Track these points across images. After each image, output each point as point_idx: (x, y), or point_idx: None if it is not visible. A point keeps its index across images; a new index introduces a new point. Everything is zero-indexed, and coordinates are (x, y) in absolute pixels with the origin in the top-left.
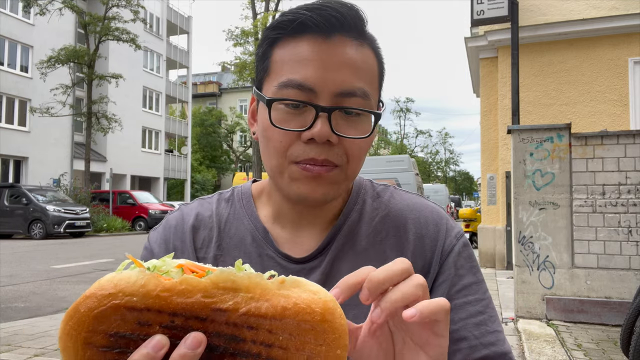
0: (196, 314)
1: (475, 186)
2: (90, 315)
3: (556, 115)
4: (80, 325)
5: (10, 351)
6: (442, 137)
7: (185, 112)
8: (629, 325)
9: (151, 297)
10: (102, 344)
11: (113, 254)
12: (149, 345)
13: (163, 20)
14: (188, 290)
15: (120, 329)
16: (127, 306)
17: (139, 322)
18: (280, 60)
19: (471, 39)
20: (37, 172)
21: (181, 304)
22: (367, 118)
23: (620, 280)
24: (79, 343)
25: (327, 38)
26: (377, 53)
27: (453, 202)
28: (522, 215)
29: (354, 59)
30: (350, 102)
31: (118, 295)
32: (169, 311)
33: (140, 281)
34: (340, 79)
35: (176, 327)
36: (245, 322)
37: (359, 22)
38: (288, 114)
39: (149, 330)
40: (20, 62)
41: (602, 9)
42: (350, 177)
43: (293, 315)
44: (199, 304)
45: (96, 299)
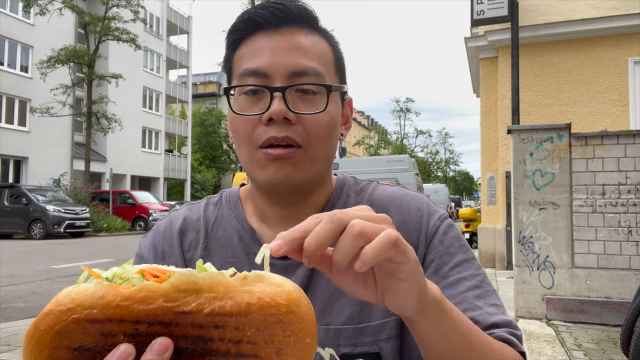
0: (160, 319)
1: (475, 186)
2: (51, 332)
3: (556, 115)
4: (42, 343)
5: (10, 351)
6: (442, 137)
7: (185, 112)
8: (629, 325)
9: (111, 308)
10: (66, 359)
11: (113, 254)
12: (114, 355)
13: (163, 20)
14: (149, 296)
15: (84, 342)
16: (87, 319)
17: (102, 334)
18: (239, 57)
19: (471, 39)
20: (37, 172)
21: (143, 311)
22: (323, 96)
23: (620, 280)
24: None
25: (276, 29)
26: (330, 41)
27: (453, 202)
28: (522, 215)
29: (304, 43)
30: (302, 81)
31: (77, 309)
32: (131, 319)
33: (98, 293)
34: (290, 61)
35: (141, 334)
36: (210, 322)
37: (305, 14)
38: (247, 102)
39: (114, 340)
40: (20, 62)
41: (602, 9)
42: (316, 160)
43: (258, 310)
44: (161, 309)
45: (55, 316)
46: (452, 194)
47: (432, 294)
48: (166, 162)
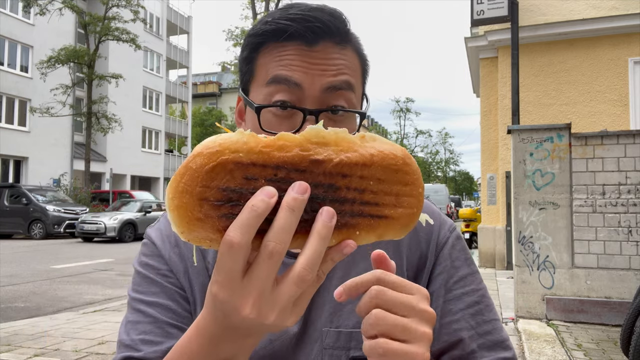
0: (296, 166)
1: (475, 186)
2: (202, 171)
3: (556, 115)
4: (193, 181)
5: (10, 351)
6: (442, 137)
7: (185, 112)
8: (629, 325)
9: (255, 153)
10: (215, 197)
11: (113, 254)
12: (262, 192)
13: (163, 20)
14: (286, 145)
15: (230, 183)
16: (234, 161)
17: (246, 177)
18: (265, 63)
19: (471, 39)
20: (37, 172)
21: (282, 157)
22: (352, 117)
23: (620, 280)
24: (194, 198)
25: (311, 46)
26: (359, 53)
27: (453, 202)
28: (522, 215)
29: (339, 61)
30: (336, 96)
31: (225, 152)
32: (272, 165)
33: (242, 139)
34: (325, 78)
35: (279, 180)
36: (339, 171)
37: (341, 26)
38: (277, 117)
39: (256, 184)
40: (20, 62)
41: (602, 9)
42: None
43: (380, 160)
44: (297, 156)
45: (205, 157)
46: (452, 194)
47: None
48: (166, 162)
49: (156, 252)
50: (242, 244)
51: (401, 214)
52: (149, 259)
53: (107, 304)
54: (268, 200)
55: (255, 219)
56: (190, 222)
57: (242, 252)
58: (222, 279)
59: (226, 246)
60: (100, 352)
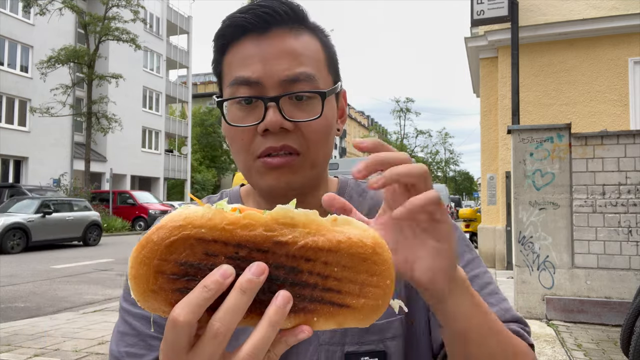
0: (258, 246)
1: (475, 186)
2: (162, 244)
3: (556, 115)
4: (152, 253)
5: (10, 351)
6: (442, 137)
7: (185, 112)
8: (629, 325)
9: (218, 230)
10: (172, 271)
11: (113, 254)
12: (217, 272)
13: (163, 20)
14: (251, 224)
15: (189, 258)
16: (196, 237)
17: (206, 253)
18: (228, 63)
19: (471, 39)
20: (37, 172)
21: (245, 236)
22: (317, 101)
23: (620, 280)
24: (151, 270)
25: (264, 33)
26: (320, 38)
27: (453, 202)
28: (522, 215)
29: (293, 46)
30: (296, 88)
31: (188, 226)
32: (234, 243)
33: (207, 215)
34: (282, 68)
35: (240, 258)
36: (303, 255)
37: (292, 13)
38: (242, 111)
39: (215, 261)
40: (20, 62)
41: (602, 9)
42: (316, 164)
43: (347, 247)
44: (261, 236)
45: (168, 230)
46: (452, 194)
47: (460, 271)
48: (166, 162)
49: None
50: (185, 322)
51: (364, 304)
52: (124, 301)
53: (107, 304)
54: (222, 281)
55: (204, 300)
56: (144, 293)
57: (185, 330)
58: (167, 350)
59: (171, 323)
60: (100, 352)
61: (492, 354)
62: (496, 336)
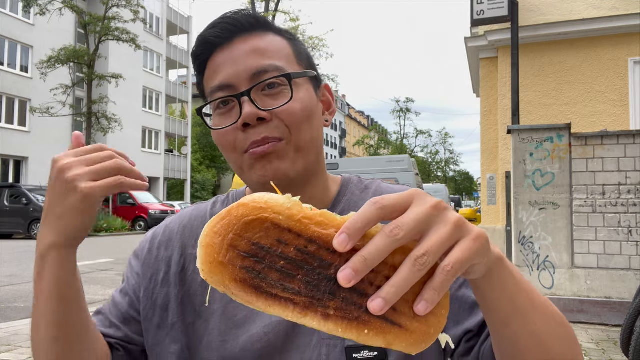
0: (328, 245)
1: (475, 186)
2: (240, 220)
3: (556, 115)
4: (230, 226)
5: (10, 351)
6: (442, 137)
7: (185, 112)
8: (629, 325)
9: (294, 220)
10: (244, 249)
11: (113, 254)
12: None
13: (163, 20)
14: (325, 222)
15: (262, 240)
16: (273, 222)
17: (279, 240)
18: (206, 80)
19: (471, 39)
20: (37, 172)
21: (317, 232)
22: (287, 87)
23: (620, 280)
24: (225, 242)
25: (230, 43)
26: (285, 37)
27: (453, 202)
28: (522, 215)
29: (258, 45)
30: (264, 78)
31: (268, 210)
32: (306, 236)
33: (287, 204)
34: (249, 64)
35: (308, 253)
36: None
37: (254, 21)
38: (221, 116)
39: (285, 249)
40: (20, 62)
41: (602, 9)
42: (302, 147)
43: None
44: (332, 237)
45: (249, 209)
46: (452, 194)
47: (496, 253)
48: (166, 162)
49: (137, 252)
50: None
51: (416, 328)
52: (132, 256)
53: None
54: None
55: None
56: (212, 263)
57: None
58: None
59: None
60: None
61: (537, 330)
62: (539, 311)
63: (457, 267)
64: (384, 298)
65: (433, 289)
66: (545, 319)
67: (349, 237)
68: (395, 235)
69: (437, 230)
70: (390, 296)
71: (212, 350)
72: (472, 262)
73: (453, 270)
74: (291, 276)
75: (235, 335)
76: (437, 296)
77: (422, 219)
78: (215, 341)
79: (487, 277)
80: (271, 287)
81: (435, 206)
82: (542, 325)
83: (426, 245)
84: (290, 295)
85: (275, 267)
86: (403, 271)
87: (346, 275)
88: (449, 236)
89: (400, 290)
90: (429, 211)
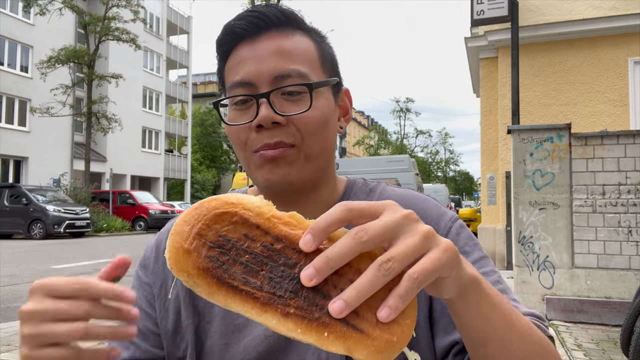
0: (294, 245)
1: (475, 186)
2: (211, 211)
3: (556, 115)
4: (199, 217)
5: (10, 351)
6: (442, 137)
7: (185, 112)
8: (629, 325)
9: (263, 218)
10: (210, 239)
11: (113, 254)
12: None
13: (163, 20)
14: (293, 223)
15: (230, 233)
16: (242, 216)
17: (246, 235)
18: (228, 70)
19: (471, 39)
20: (37, 172)
21: (285, 231)
22: (307, 95)
23: (620, 280)
24: (193, 230)
25: (257, 37)
26: (313, 38)
27: (453, 202)
28: (522, 215)
29: (285, 46)
30: (286, 83)
31: (238, 205)
32: (273, 234)
33: (257, 203)
34: (272, 66)
35: (273, 250)
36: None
37: (284, 17)
38: (238, 112)
39: (251, 244)
40: (20, 62)
41: (602, 9)
42: (311, 156)
43: None
44: (299, 237)
45: (220, 202)
46: (452, 194)
47: (470, 274)
48: (166, 162)
49: (143, 262)
50: None
51: (379, 336)
52: (139, 267)
53: None
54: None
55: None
56: (179, 250)
57: None
58: None
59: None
60: None
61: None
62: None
63: (423, 276)
64: (345, 300)
65: (397, 295)
66: (522, 340)
67: (314, 237)
68: (360, 238)
69: (405, 239)
70: (352, 299)
71: (215, 353)
72: (439, 274)
73: (419, 278)
74: (254, 271)
75: (237, 338)
76: (401, 303)
77: (391, 226)
78: (217, 344)
79: (462, 296)
80: (233, 279)
81: (407, 216)
82: (519, 346)
83: (393, 251)
84: (252, 289)
85: (239, 260)
86: (367, 275)
87: (308, 274)
88: (416, 246)
89: (363, 293)
90: (399, 220)
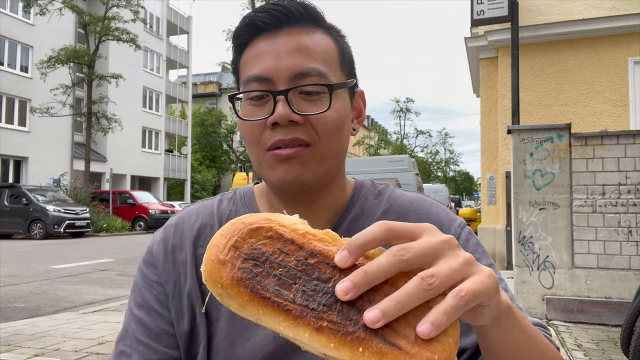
0: (328, 260)
1: (475, 186)
2: (247, 226)
3: (556, 115)
4: (236, 231)
5: (10, 351)
6: (442, 137)
7: (185, 112)
8: (629, 325)
9: (298, 234)
10: (245, 251)
11: (113, 254)
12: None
13: (163, 20)
14: (328, 240)
15: (264, 247)
16: (277, 232)
17: (280, 249)
18: (244, 63)
19: (471, 39)
20: (37, 172)
21: (319, 247)
22: (326, 95)
23: (620, 280)
24: (229, 243)
25: (277, 32)
26: (334, 37)
27: (453, 202)
28: (522, 215)
29: (305, 43)
30: (305, 82)
31: (274, 221)
32: (307, 249)
33: (293, 220)
34: (292, 63)
35: (307, 264)
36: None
37: (305, 12)
38: (253, 107)
39: (286, 258)
40: (20, 62)
41: (602, 9)
42: (326, 157)
43: None
44: (333, 253)
45: (257, 218)
46: (452, 194)
47: (505, 302)
48: (166, 162)
49: (151, 260)
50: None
51: (417, 353)
52: (144, 265)
53: (107, 304)
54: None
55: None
56: (214, 261)
57: None
58: None
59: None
60: (100, 352)
61: None
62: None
63: (471, 295)
64: (383, 310)
65: (441, 312)
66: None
67: (350, 253)
68: (401, 255)
69: (448, 261)
70: (389, 309)
71: (220, 352)
72: (482, 298)
73: (466, 297)
74: (287, 284)
75: (243, 338)
76: (444, 320)
77: (432, 248)
78: (223, 343)
79: (496, 323)
80: (266, 290)
81: (447, 241)
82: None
83: (436, 269)
84: (284, 301)
85: (273, 272)
86: (407, 287)
87: (344, 287)
88: (459, 268)
89: (401, 305)
90: (440, 243)
